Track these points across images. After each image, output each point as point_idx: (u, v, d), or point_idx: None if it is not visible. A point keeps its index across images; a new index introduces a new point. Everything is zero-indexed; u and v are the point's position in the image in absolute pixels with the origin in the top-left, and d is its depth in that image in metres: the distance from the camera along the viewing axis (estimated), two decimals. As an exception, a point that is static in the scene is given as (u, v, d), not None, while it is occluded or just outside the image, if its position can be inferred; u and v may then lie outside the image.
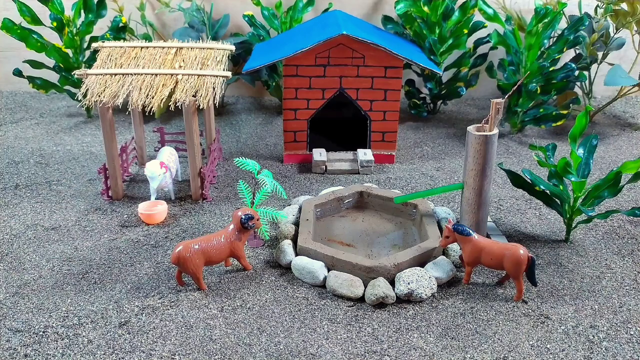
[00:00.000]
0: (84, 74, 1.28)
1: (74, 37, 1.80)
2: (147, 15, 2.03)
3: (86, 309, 0.96)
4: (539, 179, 1.18)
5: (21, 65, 1.85)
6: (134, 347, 0.88)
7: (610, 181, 1.10)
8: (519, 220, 1.27)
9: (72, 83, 1.87)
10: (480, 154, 1.06)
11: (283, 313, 0.96)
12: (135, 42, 1.38)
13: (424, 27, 1.77)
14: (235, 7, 2.00)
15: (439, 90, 1.88)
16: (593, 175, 1.47)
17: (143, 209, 1.24)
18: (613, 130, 1.84)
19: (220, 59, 1.35)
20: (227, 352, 0.87)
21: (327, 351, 0.88)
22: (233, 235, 1.03)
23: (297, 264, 1.05)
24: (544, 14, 1.67)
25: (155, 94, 1.25)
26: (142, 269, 1.08)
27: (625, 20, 1.77)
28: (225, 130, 1.82)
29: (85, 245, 1.16)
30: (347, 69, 1.46)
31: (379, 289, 0.97)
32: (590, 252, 1.15)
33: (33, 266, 1.09)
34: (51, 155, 1.61)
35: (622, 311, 0.97)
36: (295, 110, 1.51)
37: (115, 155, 1.33)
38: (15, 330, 0.92)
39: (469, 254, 1.02)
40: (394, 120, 1.53)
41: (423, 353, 0.87)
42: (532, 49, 1.72)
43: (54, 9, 1.76)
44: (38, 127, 1.84)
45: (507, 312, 0.97)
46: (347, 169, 1.51)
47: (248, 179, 1.42)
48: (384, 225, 1.22)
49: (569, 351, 0.88)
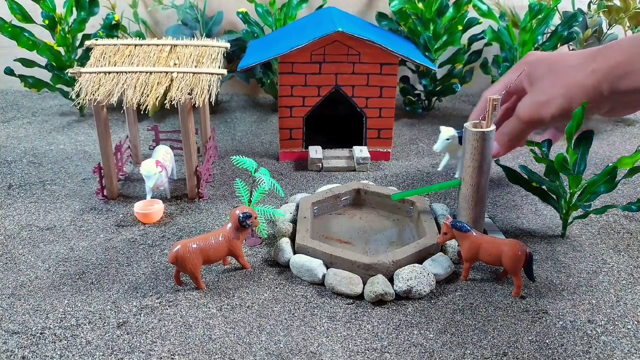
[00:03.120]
0: (77, 73, 1.27)
1: (66, 35, 1.79)
2: (139, 13, 2.02)
3: (84, 310, 0.96)
4: (535, 175, 1.19)
5: (13, 64, 1.83)
6: (132, 348, 0.87)
7: (606, 176, 1.11)
8: (515, 216, 1.28)
9: (64, 82, 1.85)
10: (477, 151, 1.06)
11: (282, 311, 0.96)
12: (129, 40, 1.36)
13: (418, 23, 1.77)
14: (228, 4, 1.99)
15: (433, 87, 1.88)
16: (587, 171, 1.48)
17: (139, 208, 1.23)
18: (606, 125, 1.85)
19: (215, 56, 1.34)
20: (227, 352, 0.87)
21: (328, 349, 0.88)
22: (231, 234, 1.03)
23: (296, 262, 1.04)
24: (538, 10, 1.68)
25: (150, 92, 1.24)
26: (140, 269, 1.07)
27: (618, 16, 1.78)
28: (220, 128, 1.82)
29: (81, 246, 1.15)
30: (343, 66, 1.46)
31: (378, 286, 0.97)
32: (586, 247, 1.16)
33: (29, 267, 1.08)
34: (44, 154, 1.60)
35: (619, 305, 0.98)
36: (290, 108, 1.50)
37: (110, 154, 1.31)
38: (12, 332, 0.91)
39: (467, 250, 1.02)
40: (390, 117, 1.52)
41: (423, 349, 0.88)
42: (526, 45, 1.72)
43: (46, 7, 1.74)
44: (30, 126, 1.82)
45: (506, 307, 0.97)
46: (344, 166, 1.50)
47: (245, 177, 1.41)
48: (381, 223, 1.22)
49: (568, 346, 0.89)
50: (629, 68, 1.00)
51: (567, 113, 1.08)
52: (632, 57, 1.00)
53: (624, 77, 1.01)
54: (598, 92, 1.04)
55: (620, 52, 1.02)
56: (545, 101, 1.09)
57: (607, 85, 1.03)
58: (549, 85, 1.09)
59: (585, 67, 1.06)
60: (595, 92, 1.04)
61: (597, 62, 1.04)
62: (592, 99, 1.05)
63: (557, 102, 1.08)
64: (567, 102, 1.07)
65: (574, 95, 1.06)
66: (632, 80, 1.01)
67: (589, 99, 1.05)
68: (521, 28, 1.72)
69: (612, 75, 1.02)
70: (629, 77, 1.01)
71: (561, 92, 1.07)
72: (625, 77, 1.01)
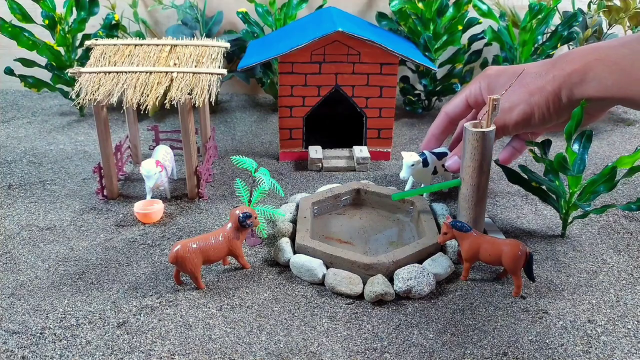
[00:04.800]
0: (77, 72, 1.27)
1: (66, 35, 1.79)
2: (139, 13, 2.02)
3: (84, 310, 0.96)
4: (534, 175, 1.19)
5: (13, 64, 1.83)
6: (132, 348, 0.87)
7: (606, 176, 1.11)
8: (515, 216, 1.28)
9: (64, 81, 1.85)
10: (477, 150, 1.06)
11: (282, 311, 0.96)
12: (129, 40, 1.36)
13: (418, 23, 1.77)
14: (228, 4, 1.99)
15: (433, 87, 1.88)
16: (587, 171, 1.48)
17: (139, 208, 1.23)
18: (606, 125, 1.85)
19: (215, 56, 1.34)
20: (227, 352, 0.87)
21: (328, 349, 0.88)
22: (231, 234, 1.03)
23: (296, 262, 1.04)
24: (538, 10, 1.68)
25: (150, 92, 1.24)
26: (140, 269, 1.07)
27: (618, 16, 1.78)
28: (220, 128, 1.82)
29: (81, 245, 1.15)
30: (343, 65, 1.46)
31: (378, 286, 0.97)
32: (586, 247, 1.16)
33: (28, 267, 1.08)
34: (44, 154, 1.60)
35: (619, 305, 0.98)
36: (290, 108, 1.50)
37: (110, 154, 1.31)
38: (12, 332, 0.91)
39: (467, 250, 1.02)
40: (390, 117, 1.52)
41: (423, 349, 0.88)
42: (526, 45, 1.72)
43: (46, 7, 1.74)
44: (30, 126, 1.82)
45: (506, 307, 0.97)
46: (344, 166, 1.50)
47: (245, 177, 1.41)
48: (381, 222, 1.22)
49: (568, 346, 0.89)
50: (584, 76, 1.02)
51: (529, 119, 1.10)
52: (587, 65, 1.02)
53: (579, 85, 1.03)
54: (557, 98, 1.06)
55: (578, 59, 1.04)
56: (507, 108, 1.11)
57: (565, 92, 1.05)
58: (511, 93, 1.10)
59: (545, 74, 1.08)
60: (554, 98, 1.06)
61: (556, 68, 1.06)
62: (551, 104, 1.07)
63: (519, 108, 1.10)
64: (529, 108, 1.09)
65: (536, 101, 1.08)
66: (586, 88, 1.02)
67: (548, 105, 1.07)
68: (521, 28, 1.72)
69: (569, 82, 1.04)
70: (584, 85, 1.02)
71: (523, 98, 1.09)
72: (581, 84, 1.03)
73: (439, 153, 1.33)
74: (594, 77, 1.01)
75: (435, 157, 1.31)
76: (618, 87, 0.99)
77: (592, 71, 1.01)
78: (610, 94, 1.01)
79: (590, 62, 1.02)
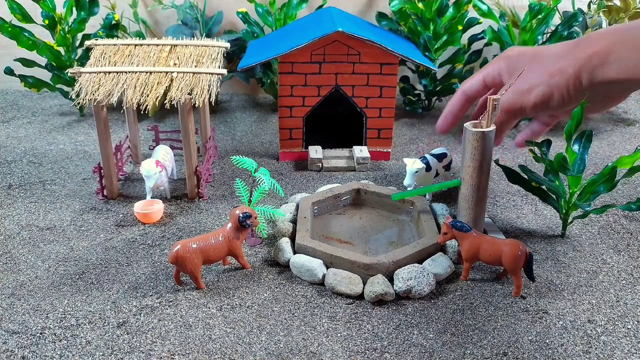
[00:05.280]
0: (77, 72, 1.27)
1: (66, 35, 1.79)
2: (139, 13, 2.02)
3: (83, 310, 0.96)
4: (534, 175, 1.19)
5: (13, 64, 1.83)
6: (132, 348, 0.87)
7: (606, 176, 1.11)
8: (515, 216, 1.28)
9: (64, 81, 1.85)
10: (477, 150, 1.06)
11: (282, 311, 0.96)
12: (129, 40, 1.36)
13: (418, 23, 1.77)
14: (228, 4, 1.99)
15: (433, 87, 1.88)
16: (587, 171, 1.48)
17: (139, 208, 1.23)
18: (606, 125, 1.85)
19: (215, 56, 1.34)
20: (227, 352, 0.87)
21: (328, 349, 0.88)
22: (231, 234, 1.03)
23: (296, 262, 1.04)
24: (538, 10, 1.68)
25: (150, 92, 1.24)
26: (140, 269, 1.07)
27: (618, 16, 1.78)
28: (220, 128, 1.82)
29: (81, 245, 1.15)
30: (343, 65, 1.46)
31: (378, 286, 0.97)
32: (586, 247, 1.16)
33: (29, 267, 1.08)
34: (44, 154, 1.60)
35: (619, 305, 0.98)
36: (290, 108, 1.50)
37: (110, 154, 1.31)
38: (12, 332, 0.91)
39: (467, 250, 1.02)
40: (390, 117, 1.52)
41: (423, 349, 0.88)
42: (526, 45, 1.72)
43: (46, 7, 1.74)
44: (30, 126, 1.82)
45: (506, 307, 0.97)
46: (344, 166, 1.50)
47: (245, 177, 1.41)
48: (381, 222, 1.22)
49: (568, 346, 0.89)
50: (605, 58, 0.99)
51: (548, 101, 1.07)
52: (609, 47, 0.99)
53: (600, 67, 1.00)
54: (578, 80, 1.03)
55: (599, 41, 1.01)
56: (526, 89, 1.08)
57: (586, 75, 1.02)
58: (531, 73, 1.08)
59: (567, 55, 1.05)
60: (575, 80, 1.03)
61: (577, 50, 1.03)
62: (572, 87, 1.04)
63: (538, 89, 1.07)
64: (549, 89, 1.06)
65: (556, 82, 1.05)
66: (607, 70, 0.99)
67: (568, 87, 1.04)
68: (521, 28, 1.72)
69: (590, 65, 1.01)
70: (605, 67, 1.00)
71: (543, 79, 1.06)
72: (602, 66, 1.00)
73: (438, 154, 1.33)
74: (615, 59, 0.98)
75: (436, 160, 1.31)
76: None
77: (613, 53, 0.98)
78: (632, 75, 0.97)
79: (612, 44, 0.99)
